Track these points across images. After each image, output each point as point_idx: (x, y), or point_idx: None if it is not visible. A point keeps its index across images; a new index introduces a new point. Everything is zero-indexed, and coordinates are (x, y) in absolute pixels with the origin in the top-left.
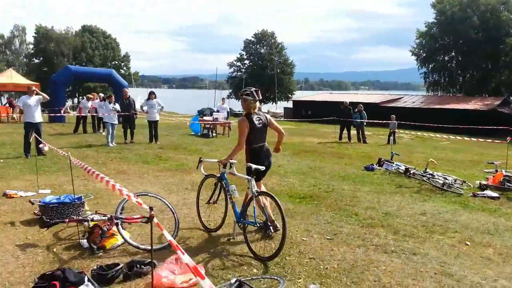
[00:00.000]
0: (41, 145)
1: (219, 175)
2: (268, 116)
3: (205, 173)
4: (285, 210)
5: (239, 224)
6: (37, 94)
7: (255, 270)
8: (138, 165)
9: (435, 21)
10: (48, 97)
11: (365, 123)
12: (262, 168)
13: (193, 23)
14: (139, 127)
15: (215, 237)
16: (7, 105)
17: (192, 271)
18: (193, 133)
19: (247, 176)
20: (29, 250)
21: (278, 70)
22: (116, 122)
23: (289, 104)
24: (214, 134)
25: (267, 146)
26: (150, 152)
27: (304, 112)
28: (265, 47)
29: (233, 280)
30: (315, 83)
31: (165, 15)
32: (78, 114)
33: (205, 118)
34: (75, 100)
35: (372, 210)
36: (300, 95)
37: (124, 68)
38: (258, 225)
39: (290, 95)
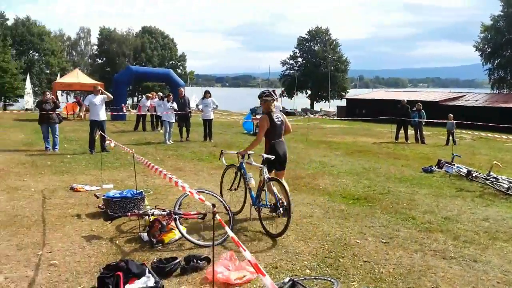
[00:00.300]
0: (107, 142)
1: (238, 165)
2: (283, 115)
3: (226, 164)
4: (339, 211)
5: (255, 207)
6: (102, 93)
7: (308, 271)
8: (193, 163)
9: (501, 13)
10: (112, 96)
11: (423, 123)
12: (272, 157)
13: (247, 21)
14: (194, 125)
15: (266, 234)
16: (76, 103)
17: (253, 268)
18: (245, 131)
19: (260, 165)
20: (94, 241)
21: (332, 68)
22: (173, 120)
23: (343, 103)
24: None
25: (283, 140)
26: (204, 150)
27: (358, 110)
28: (319, 44)
29: (286, 279)
30: (370, 81)
31: (219, 15)
32: (138, 113)
33: (258, 116)
34: (135, 99)
35: (430, 214)
36: (354, 93)
37: (181, 67)
38: (269, 206)
39: (343, 93)
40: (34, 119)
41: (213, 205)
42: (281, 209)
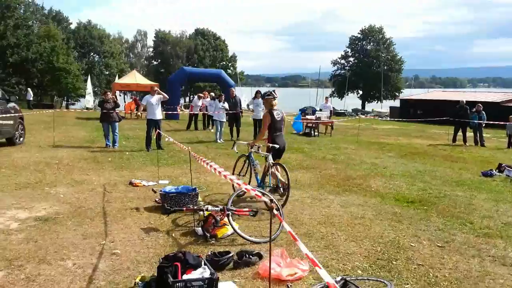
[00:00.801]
0: (167, 138)
1: (247, 154)
2: (284, 114)
3: (237, 152)
4: (391, 213)
5: (260, 187)
6: (158, 93)
7: (359, 271)
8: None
9: None
10: (168, 97)
11: (483, 125)
12: (277, 146)
13: (298, 21)
14: (244, 125)
15: (316, 234)
16: (133, 101)
17: (309, 261)
18: (295, 131)
19: (266, 153)
20: (152, 233)
21: (385, 67)
22: (224, 120)
23: (396, 103)
24: (316, 133)
25: (283, 134)
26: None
27: (413, 111)
28: (371, 43)
29: (338, 278)
30: (425, 80)
31: (269, 15)
32: (190, 112)
33: (307, 117)
34: (187, 99)
35: (489, 219)
36: (409, 93)
37: (231, 68)
38: (272, 187)
39: (397, 93)
40: (94, 118)
41: (271, 200)
42: (281, 189)
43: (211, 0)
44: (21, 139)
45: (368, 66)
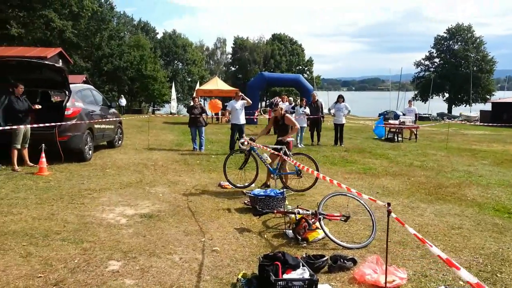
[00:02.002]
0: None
1: (248, 149)
2: None
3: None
4: (492, 224)
5: (276, 175)
6: (242, 99)
7: (461, 283)
8: (326, 166)
9: None
10: (251, 102)
11: None
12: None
13: (377, 21)
14: (323, 129)
15: (411, 243)
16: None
17: (446, 262)
18: (376, 137)
19: (280, 146)
20: (245, 233)
21: (475, 68)
22: (305, 125)
23: (487, 107)
24: (399, 139)
25: None
26: (336, 155)
27: (506, 115)
28: (459, 43)
29: (441, 287)
30: None
31: (347, 16)
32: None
33: (390, 121)
34: (263, 103)
35: None
36: (502, 95)
37: (307, 72)
38: (294, 173)
39: (488, 96)
40: (180, 122)
41: (388, 204)
42: (301, 173)
43: (290, 4)
44: (120, 142)
45: (455, 67)
